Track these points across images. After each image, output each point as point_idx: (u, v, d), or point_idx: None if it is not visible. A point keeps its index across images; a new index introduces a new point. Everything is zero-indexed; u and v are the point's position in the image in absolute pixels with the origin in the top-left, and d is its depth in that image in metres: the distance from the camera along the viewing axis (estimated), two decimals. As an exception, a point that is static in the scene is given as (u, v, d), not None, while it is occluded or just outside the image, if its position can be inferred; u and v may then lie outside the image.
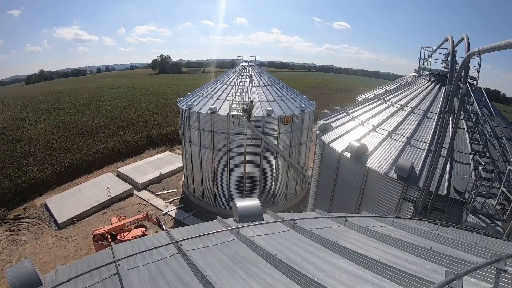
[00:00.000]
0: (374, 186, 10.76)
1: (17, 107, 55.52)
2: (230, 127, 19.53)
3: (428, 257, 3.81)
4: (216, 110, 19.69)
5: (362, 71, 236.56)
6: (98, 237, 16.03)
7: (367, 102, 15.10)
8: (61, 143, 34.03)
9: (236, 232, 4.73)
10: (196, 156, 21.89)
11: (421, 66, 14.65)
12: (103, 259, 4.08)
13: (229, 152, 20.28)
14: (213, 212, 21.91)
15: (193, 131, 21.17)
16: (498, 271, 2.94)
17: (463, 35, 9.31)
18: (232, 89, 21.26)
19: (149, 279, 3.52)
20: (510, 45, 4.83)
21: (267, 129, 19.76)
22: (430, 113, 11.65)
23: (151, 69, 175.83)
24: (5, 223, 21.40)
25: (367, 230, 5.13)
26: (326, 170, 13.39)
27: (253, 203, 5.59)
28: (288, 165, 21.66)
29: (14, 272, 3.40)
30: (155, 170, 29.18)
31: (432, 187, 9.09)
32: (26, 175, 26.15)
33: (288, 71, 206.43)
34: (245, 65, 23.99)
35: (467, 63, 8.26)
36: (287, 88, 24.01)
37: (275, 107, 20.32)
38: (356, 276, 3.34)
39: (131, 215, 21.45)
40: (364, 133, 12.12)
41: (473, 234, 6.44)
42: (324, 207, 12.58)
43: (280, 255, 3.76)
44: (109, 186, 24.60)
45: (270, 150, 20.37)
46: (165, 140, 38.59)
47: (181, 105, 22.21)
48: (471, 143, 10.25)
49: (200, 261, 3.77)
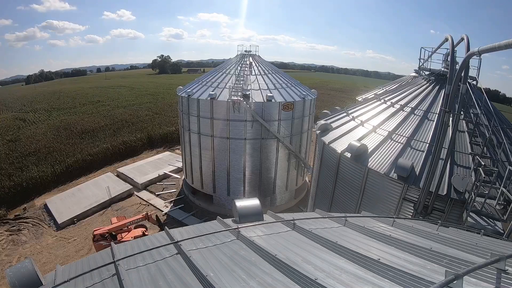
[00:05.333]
0: (374, 186, 10.76)
1: (17, 107, 55.62)
2: (230, 113, 19.39)
3: (428, 257, 3.81)
4: (216, 96, 19.58)
5: (362, 71, 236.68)
6: (98, 237, 16.03)
7: (367, 102, 15.10)
8: (61, 143, 34.03)
9: (236, 232, 4.73)
10: (195, 144, 21.77)
11: (421, 66, 14.65)
12: (103, 259, 4.08)
13: (229, 139, 20.14)
14: (213, 212, 21.90)
15: (192, 119, 21.05)
16: (498, 271, 2.94)
17: (463, 35, 9.31)
18: (232, 77, 21.14)
19: (149, 279, 3.52)
20: (510, 45, 4.83)
21: (267, 115, 19.63)
22: (430, 113, 11.65)
23: (151, 69, 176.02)
24: (5, 223, 21.39)
25: (367, 230, 5.13)
26: (326, 170, 13.39)
27: (253, 203, 5.58)
28: (289, 153, 21.57)
29: (14, 272, 3.40)
30: (155, 170, 29.18)
31: (432, 187, 9.09)
32: (26, 175, 26.15)
33: (288, 71, 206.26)
34: (245, 54, 23.88)
35: (467, 63, 8.26)
36: (287, 76, 23.89)
37: (276, 94, 20.23)
38: (356, 276, 3.33)
39: (131, 215, 21.46)
40: (364, 133, 12.13)
41: (473, 234, 6.43)
42: (324, 207, 12.59)
43: (280, 255, 3.76)
44: (109, 186, 24.60)
45: (270, 137, 20.24)
46: (165, 140, 38.60)
47: (180, 93, 22.07)
48: (471, 143, 10.25)
49: (200, 261, 3.77)
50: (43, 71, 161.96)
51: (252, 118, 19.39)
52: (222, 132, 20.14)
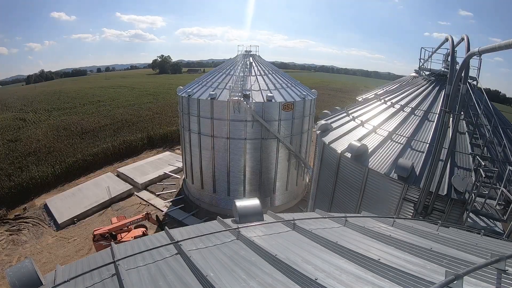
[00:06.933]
0: (374, 186, 10.75)
1: (17, 107, 55.64)
2: (230, 113, 19.42)
3: (428, 257, 3.81)
4: (216, 96, 19.61)
5: (362, 71, 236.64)
6: (98, 237, 16.03)
7: (368, 103, 15.10)
8: (61, 143, 34.05)
9: (236, 232, 4.73)
10: (195, 144, 21.78)
11: (421, 66, 14.64)
12: (103, 259, 4.09)
13: (229, 139, 20.15)
14: (213, 212, 21.90)
15: (193, 119, 21.07)
16: (498, 272, 2.94)
17: (463, 35, 9.32)
18: (232, 77, 21.14)
19: (149, 279, 3.52)
20: (510, 45, 4.83)
21: (267, 115, 19.66)
22: (430, 113, 11.65)
23: (151, 69, 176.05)
24: (5, 223, 21.40)
25: (367, 230, 5.13)
26: (326, 170, 13.39)
27: (253, 203, 5.59)
28: (290, 153, 21.57)
29: (14, 272, 3.40)
30: (155, 170, 29.19)
31: (432, 187, 9.08)
32: (26, 175, 26.15)
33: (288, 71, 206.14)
34: (245, 54, 23.89)
35: (467, 63, 8.27)
36: (288, 76, 23.89)
37: (276, 94, 20.26)
38: (356, 276, 3.33)
39: (131, 215, 21.46)
40: (364, 134, 12.12)
41: (473, 234, 6.44)
42: (324, 207, 12.58)
43: (280, 255, 3.76)
44: (109, 186, 24.61)
45: (271, 137, 20.27)
46: (165, 140, 38.61)
47: (180, 93, 22.09)
48: (471, 143, 10.25)
49: (200, 261, 3.77)
50: (43, 71, 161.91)
51: (252, 118, 19.39)
52: (222, 132, 20.14)
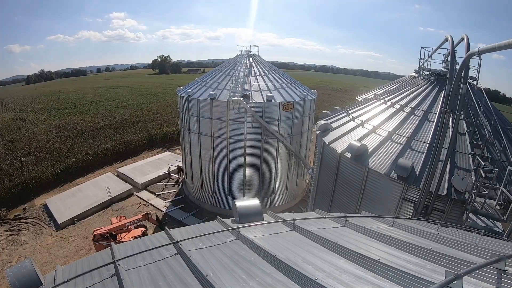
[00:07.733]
0: (374, 186, 10.75)
1: (17, 107, 55.60)
2: (230, 113, 19.44)
3: (428, 257, 3.81)
4: (216, 97, 19.62)
5: (362, 71, 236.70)
6: (98, 237, 16.04)
7: (367, 103, 15.10)
8: (61, 143, 34.04)
9: (236, 233, 4.73)
10: (195, 144, 21.78)
11: (421, 66, 14.64)
12: (103, 259, 4.08)
13: (229, 139, 20.16)
14: (213, 212, 21.90)
15: (192, 119, 21.08)
16: (498, 272, 2.94)
17: (463, 35, 9.31)
18: (232, 77, 21.15)
19: (149, 279, 3.52)
20: (510, 45, 4.83)
21: (267, 115, 19.67)
22: (430, 113, 11.65)
23: (151, 69, 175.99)
24: (5, 223, 21.39)
25: (367, 230, 5.13)
26: (326, 170, 13.39)
27: (253, 203, 5.59)
28: (289, 153, 21.58)
29: (14, 272, 3.40)
30: (155, 170, 29.19)
31: (432, 187, 9.08)
32: (26, 175, 26.14)
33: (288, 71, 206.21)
34: (245, 54, 23.88)
35: (467, 63, 8.26)
36: (287, 77, 23.88)
37: (276, 94, 20.27)
38: (356, 276, 3.33)
39: (131, 215, 21.46)
40: (364, 134, 12.12)
41: (473, 234, 6.44)
42: (324, 207, 12.59)
43: (280, 255, 3.76)
44: (109, 186, 24.60)
45: (271, 137, 20.28)
46: (165, 140, 38.60)
47: (180, 93, 22.08)
48: (471, 143, 10.25)
49: (200, 261, 3.77)
50: (43, 71, 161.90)
51: (252, 118, 19.39)
52: (222, 132, 20.14)
